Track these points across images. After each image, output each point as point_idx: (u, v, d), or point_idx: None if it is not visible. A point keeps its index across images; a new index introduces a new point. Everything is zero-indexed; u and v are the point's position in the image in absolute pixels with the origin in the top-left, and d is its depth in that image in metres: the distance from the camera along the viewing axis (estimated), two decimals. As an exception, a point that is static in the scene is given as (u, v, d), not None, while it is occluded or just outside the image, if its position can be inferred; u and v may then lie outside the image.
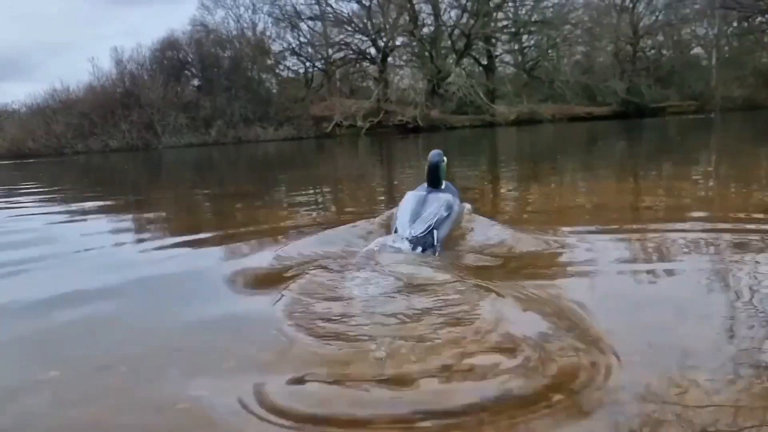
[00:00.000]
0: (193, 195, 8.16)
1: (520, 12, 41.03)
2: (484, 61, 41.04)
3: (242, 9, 39.33)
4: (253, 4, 39.28)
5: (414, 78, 39.78)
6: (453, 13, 40.53)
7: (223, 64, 35.94)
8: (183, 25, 48.26)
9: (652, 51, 42.87)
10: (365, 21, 38.81)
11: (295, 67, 42.08)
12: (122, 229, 4.93)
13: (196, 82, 36.63)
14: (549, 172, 7.90)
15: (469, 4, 39.08)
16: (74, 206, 7.00)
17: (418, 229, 2.89)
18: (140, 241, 4.23)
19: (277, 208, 5.72)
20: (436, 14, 39.28)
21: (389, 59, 39.62)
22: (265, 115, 34.58)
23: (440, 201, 3.12)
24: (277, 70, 40.56)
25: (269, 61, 39.09)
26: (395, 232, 2.98)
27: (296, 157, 18.87)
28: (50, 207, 7.21)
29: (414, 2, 38.71)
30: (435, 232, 2.91)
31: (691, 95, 38.43)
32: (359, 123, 34.90)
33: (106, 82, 35.12)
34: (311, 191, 7.22)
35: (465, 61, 40.16)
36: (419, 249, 2.81)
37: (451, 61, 38.98)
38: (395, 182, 7.90)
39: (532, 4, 40.51)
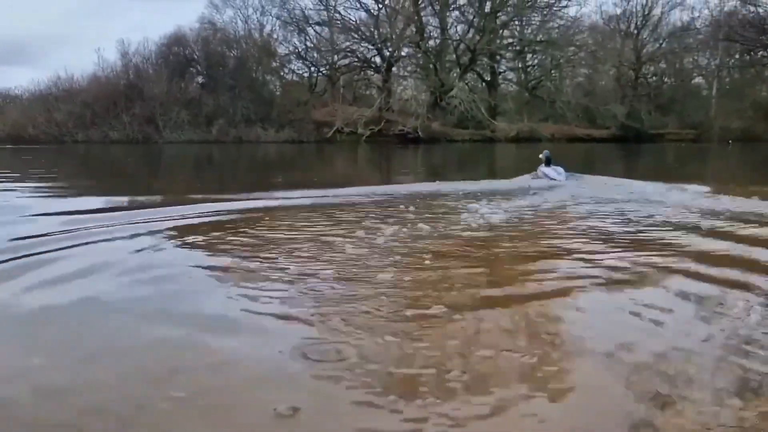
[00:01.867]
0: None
1: (525, 31, 41.38)
2: (488, 77, 41.33)
3: (251, 10, 39.53)
4: (262, 6, 39.51)
5: (417, 89, 40.00)
6: (459, 27, 40.89)
7: (229, 63, 36.04)
8: (191, 22, 48.38)
9: (654, 78, 43.28)
10: (372, 30, 39.04)
11: (300, 71, 42.26)
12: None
13: (200, 79, 36.68)
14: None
15: (475, 20, 39.41)
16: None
17: (563, 176, 8.25)
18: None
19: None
20: (443, 28, 39.56)
21: (394, 69, 39.84)
22: (266, 117, 34.64)
23: (560, 168, 8.46)
24: (282, 73, 40.73)
25: (274, 64, 39.23)
26: (550, 178, 8.20)
27: (297, 160, 18.96)
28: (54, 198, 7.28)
29: (421, 15, 39.02)
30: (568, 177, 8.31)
31: (689, 124, 38.71)
32: (360, 130, 35.00)
33: (110, 73, 35.10)
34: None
35: (468, 75, 40.40)
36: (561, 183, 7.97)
37: (454, 74, 39.22)
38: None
39: (538, 24, 40.90)
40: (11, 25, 57.75)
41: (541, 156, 8.77)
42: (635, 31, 41.86)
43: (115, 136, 32.35)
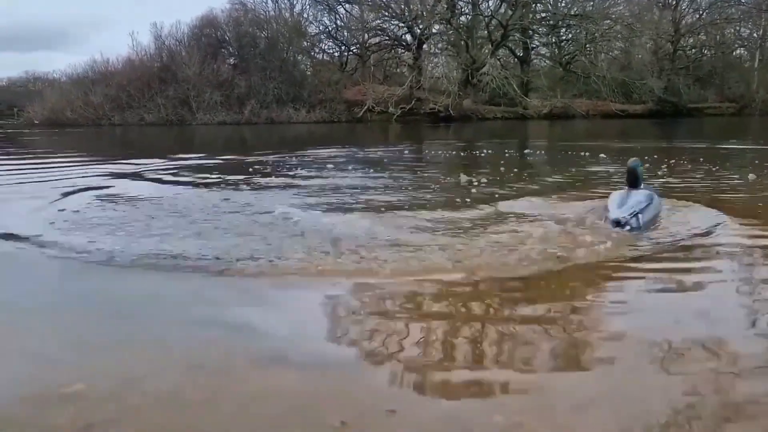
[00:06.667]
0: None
1: (559, 4, 40.41)
2: (520, 53, 40.58)
3: (281, -11, 39.45)
4: (292, -15, 39.39)
5: (448, 67, 39.46)
6: (491, 2, 40.11)
7: (260, 44, 36.12)
8: (222, 3, 48.76)
9: (693, 50, 41.94)
10: (403, 7, 38.57)
11: (331, 51, 42.19)
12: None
13: (232, 60, 36.88)
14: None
15: (508, -6, 38.62)
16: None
17: (624, 212, 3.75)
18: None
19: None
20: (474, 3, 38.89)
21: (424, 47, 39.40)
22: (298, 97, 34.71)
23: (642, 194, 4.04)
24: (313, 53, 40.68)
25: (305, 43, 39.17)
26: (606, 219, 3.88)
27: (327, 139, 19.03)
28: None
29: (452, -10, 38.39)
30: (639, 216, 3.76)
31: (730, 97, 37.53)
32: (391, 109, 34.81)
33: (144, 56, 35.55)
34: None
35: (501, 52, 39.71)
36: (626, 228, 3.65)
37: (486, 51, 38.61)
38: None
39: (572, -3, 39.86)
40: (52, 12, 58.94)
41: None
42: (674, 2, 40.56)
43: (151, 118, 32.84)
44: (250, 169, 7.93)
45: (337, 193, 5.63)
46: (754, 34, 40.05)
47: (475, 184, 5.95)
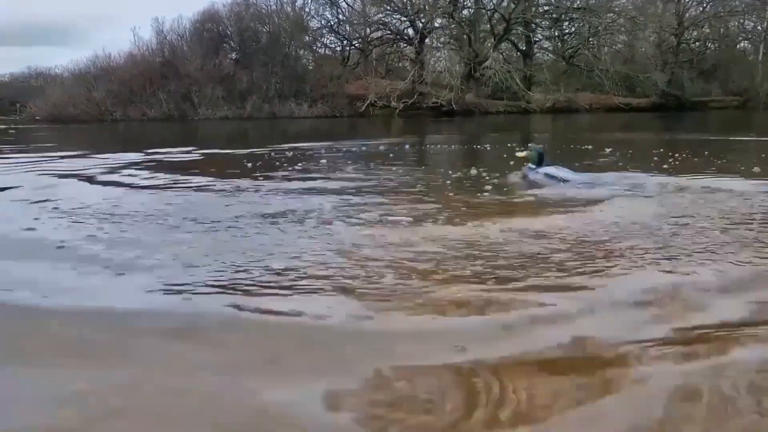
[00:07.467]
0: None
1: (563, -3, 40.20)
2: (523, 47, 40.41)
3: (282, -17, 39.32)
4: (293, -21, 39.24)
5: (451, 61, 39.32)
6: (494, -5, 39.93)
7: (261, 38, 36.06)
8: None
9: (697, 43, 41.69)
10: (405, 0, 38.45)
11: (332, 45, 42.10)
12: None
13: (234, 55, 36.82)
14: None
15: (510, -12, 38.42)
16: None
17: (581, 177, 5.39)
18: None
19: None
20: (477, -3, 38.75)
21: (427, 41, 39.26)
22: (300, 92, 34.65)
23: (563, 167, 5.60)
24: (314, 47, 40.58)
25: (307, 38, 39.08)
26: (562, 180, 5.33)
27: (330, 134, 18.98)
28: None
29: (455, -17, 38.20)
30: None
31: (734, 90, 37.34)
32: (393, 104, 34.74)
33: (146, 51, 35.53)
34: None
35: (503, 45, 39.54)
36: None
37: (489, 45, 38.44)
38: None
39: (575, -11, 39.64)
40: (54, 7, 58.91)
41: (525, 152, 5.93)
42: (677, -5, 40.36)
43: (153, 113, 32.83)
44: (249, 165, 7.90)
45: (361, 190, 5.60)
46: (758, 27, 39.78)
47: (486, 178, 5.89)
